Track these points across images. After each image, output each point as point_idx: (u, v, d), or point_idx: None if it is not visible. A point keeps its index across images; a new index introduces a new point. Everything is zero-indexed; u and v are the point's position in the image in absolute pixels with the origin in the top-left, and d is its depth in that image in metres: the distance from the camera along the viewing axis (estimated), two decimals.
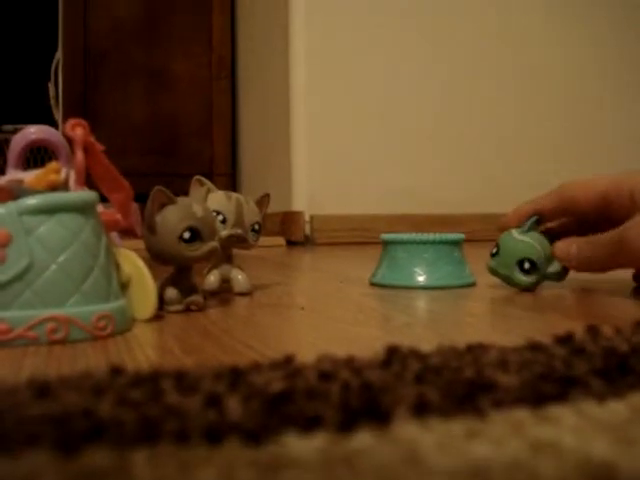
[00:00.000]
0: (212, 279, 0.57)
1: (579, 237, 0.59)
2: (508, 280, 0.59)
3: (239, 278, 0.58)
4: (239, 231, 0.56)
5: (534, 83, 1.78)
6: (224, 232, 0.55)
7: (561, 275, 0.60)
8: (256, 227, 0.58)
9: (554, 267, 0.60)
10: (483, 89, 1.74)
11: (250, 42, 2.16)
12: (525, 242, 0.58)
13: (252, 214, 0.58)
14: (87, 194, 0.39)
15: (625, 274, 0.62)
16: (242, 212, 0.57)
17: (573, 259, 0.58)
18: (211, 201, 0.55)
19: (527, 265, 0.58)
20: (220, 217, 0.56)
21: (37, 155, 1.64)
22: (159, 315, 0.44)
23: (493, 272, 0.60)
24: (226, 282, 0.58)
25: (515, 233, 0.60)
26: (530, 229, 0.59)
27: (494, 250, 0.60)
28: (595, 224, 0.60)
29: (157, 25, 2.20)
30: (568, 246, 0.58)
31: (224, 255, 0.57)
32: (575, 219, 0.62)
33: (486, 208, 1.64)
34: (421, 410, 0.21)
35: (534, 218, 0.60)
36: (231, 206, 0.56)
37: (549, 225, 0.63)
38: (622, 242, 0.53)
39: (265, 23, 1.97)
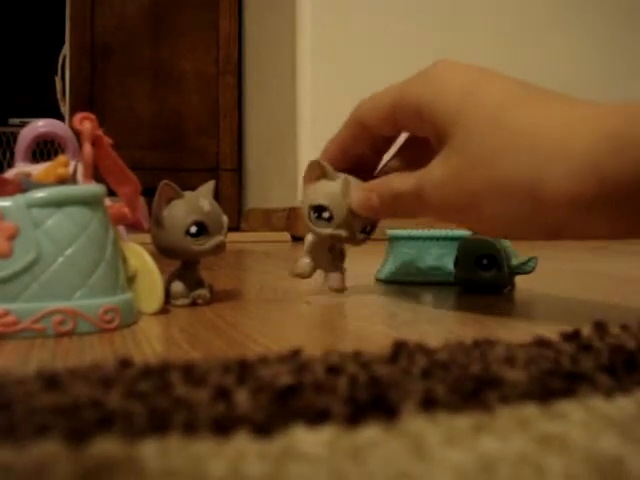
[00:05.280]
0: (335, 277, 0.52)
1: (380, 180, 0.48)
2: (471, 282, 0.56)
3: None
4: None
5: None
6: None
7: (528, 265, 0.55)
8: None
9: (519, 260, 0.55)
10: None
11: (257, 38, 2.16)
12: (480, 240, 0.56)
13: None
14: (95, 187, 0.39)
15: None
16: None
17: (375, 212, 0.48)
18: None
19: (485, 261, 0.55)
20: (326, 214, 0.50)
21: (44, 148, 1.64)
22: (165, 309, 0.44)
23: (459, 281, 0.58)
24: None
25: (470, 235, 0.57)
26: None
27: (455, 260, 0.58)
28: (405, 145, 0.50)
29: (163, 21, 2.20)
30: (367, 197, 0.48)
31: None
32: (375, 144, 0.51)
33: None
34: (428, 405, 0.21)
35: None
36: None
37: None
38: (421, 198, 0.44)
39: (272, 19, 1.97)
